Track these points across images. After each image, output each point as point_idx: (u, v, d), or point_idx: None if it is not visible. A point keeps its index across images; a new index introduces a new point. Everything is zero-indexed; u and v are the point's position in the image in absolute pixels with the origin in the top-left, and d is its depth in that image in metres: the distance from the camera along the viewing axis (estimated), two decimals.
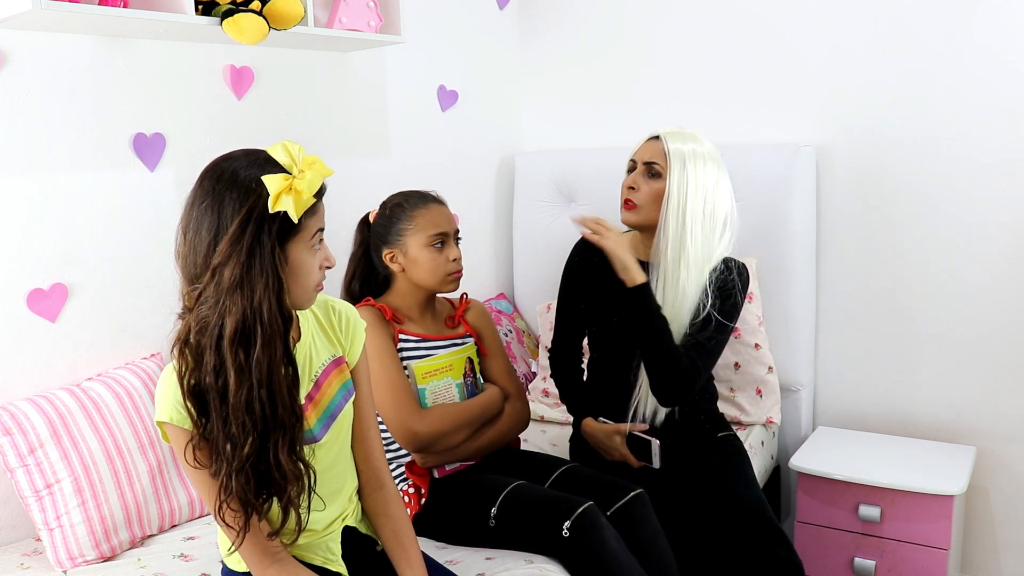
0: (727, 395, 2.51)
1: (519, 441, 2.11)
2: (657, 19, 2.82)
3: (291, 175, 1.21)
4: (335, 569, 1.44)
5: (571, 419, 2.61)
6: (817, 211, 2.63)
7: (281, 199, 1.19)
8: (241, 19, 1.84)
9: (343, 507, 1.47)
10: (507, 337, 2.82)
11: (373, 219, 1.99)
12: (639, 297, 1.90)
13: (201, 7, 1.85)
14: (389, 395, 1.83)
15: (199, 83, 2.13)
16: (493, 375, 2.03)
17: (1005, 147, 2.35)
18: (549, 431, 2.56)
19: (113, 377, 1.93)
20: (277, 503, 1.28)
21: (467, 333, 2.01)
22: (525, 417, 2.04)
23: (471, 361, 1.98)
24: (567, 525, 1.68)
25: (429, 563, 1.50)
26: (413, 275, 1.92)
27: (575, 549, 1.68)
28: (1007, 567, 2.50)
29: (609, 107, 2.95)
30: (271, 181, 1.19)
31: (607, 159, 2.79)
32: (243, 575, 1.39)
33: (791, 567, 1.87)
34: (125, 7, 1.78)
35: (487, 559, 1.73)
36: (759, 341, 2.51)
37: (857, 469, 2.32)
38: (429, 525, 1.84)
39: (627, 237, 2.07)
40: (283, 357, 1.24)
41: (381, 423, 1.86)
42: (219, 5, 1.86)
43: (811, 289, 2.64)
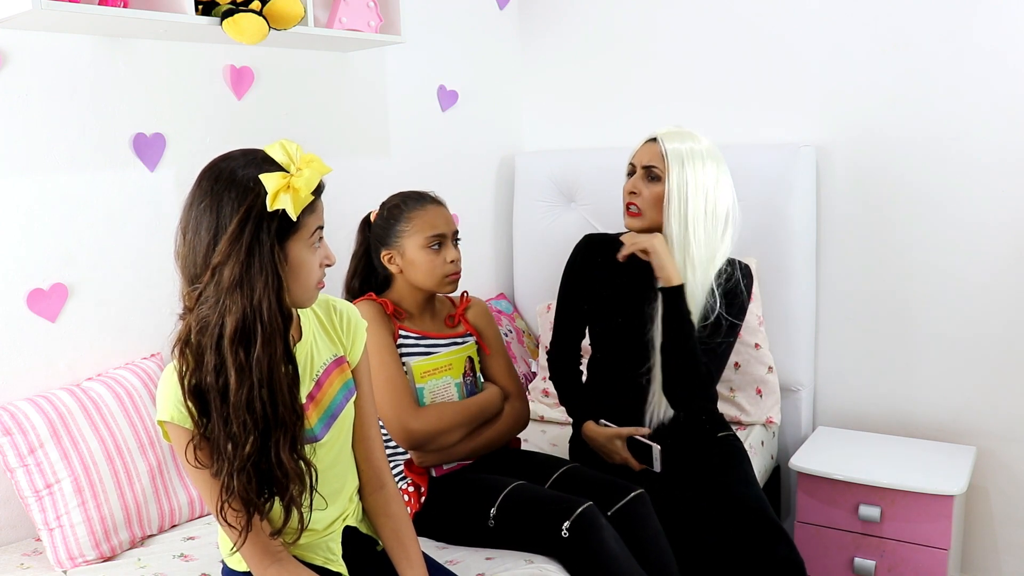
0: (727, 395, 2.51)
1: (519, 441, 2.11)
2: (657, 19, 2.82)
3: (289, 173, 1.21)
4: (335, 569, 1.44)
5: (570, 419, 2.61)
6: (817, 211, 2.63)
7: (279, 197, 1.19)
8: (241, 19, 1.84)
9: (344, 507, 1.47)
10: (507, 337, 2.82)
11: (373, 219, 1.99)
12: (673, 298, 1.91)
13: (201, 7, 1.85)
14: (387, 391, 1.83)
15: (199, 83, 2.13)
16: (493, 374, 2.03)
17: (1005, 147, 2.35)
18: (549, 431, 2.56)
19: (113, 377, 1.93)
20: (279, 502, 1.28)
21: (467, 332, 2.01)
22: (525, 417, 2.04)
23: (471, 360, 1.98)
24: (567, 525, 1.68)
25: (429, 563, 1.50)
26: (411, 276, 1.92)
27: (575, 549, 1.68)
28: (1007, 567, 2.50)
29: (609, 107, 2.95)
30: (268, 180, 1.19)
31: (607, 159, 2.79)
32: (244, 575, 1.39)
33: (792, 565, 1.87)
34: (125, 7, 1.78)
35: (487, 559, 1.73)
36: (759, 341, 2.51)
37: (857, 469, 2.32)
38: (429, 525, 1.84)
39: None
40: (283, 355, 1.24)
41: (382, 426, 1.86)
42: (219, 5, 1.86)
43: (811, 289, 2.64)
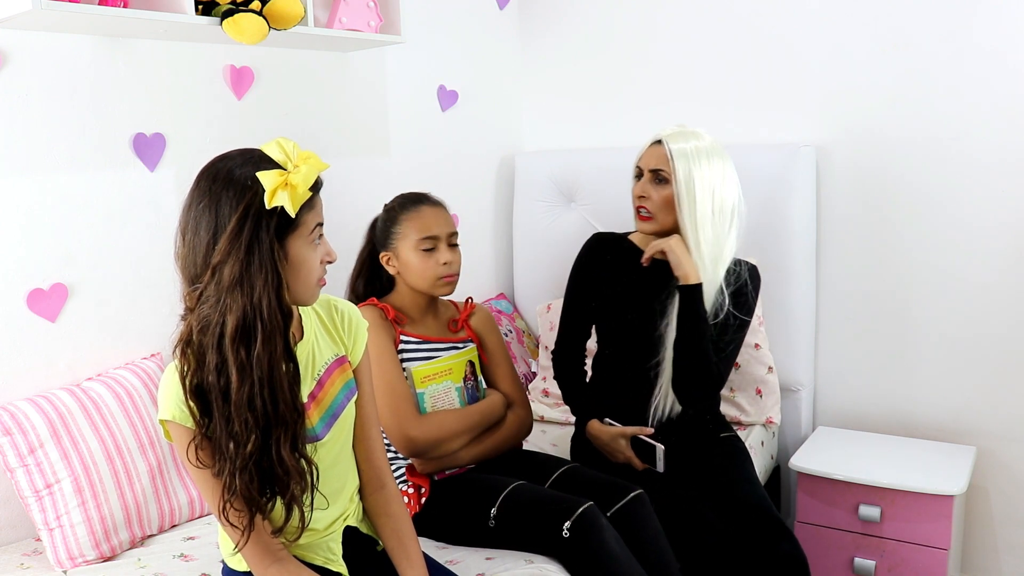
0: (727, 395, 2.51)
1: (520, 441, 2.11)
2: (657, 19, 2.82)
3: (286, 171, 1.22)
4: (336, 569, 1.44)
5: (570, 419, 2.60)
6: (817, 211, 2.63)
7: (277, 195, 1.20)
8: (241, 19, 1.84)
9: (344, 507, 1.47)
10: (507, 337, 2.82)
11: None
12: (691, 296, 1.93)
13: (201, 7, 1.85)
14: (387, 399, 1.82)
15: (199, 83, 2.13)
16: (497, 381, 2.03)
17: (1005, 147, 2.35)
18: (549, 431, 2.56)
19: (113, 377, 1.93)
20: (281, 502, 1.28)
21: (469, 338, 2.01)
22: (528, 425, 2.04)
23: (472, 365, 1.98)
24: (567, 525, 1.68)
25: (429, 563, 1.50)
26: (407, 278, 1.93)
27: (575, 549, 1.67)
28: (1007, 567, 2.50)
29: (609, 107, 2.95)
30: (266, 177, 1.20)
31: (607, 159, 2.79)
32: (244, 575, 1.39)
33: (796, 562, 1.88)
34: (125, 7, 1.78)
35: (487, 559, 1.73)
36: (759, 341, 2.51)
37: (857, 469, 2.32)
38: (429, 525, 1.83)
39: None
40: (284, 353, 1.25)
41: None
42: (219, 5, 1.86)
43: (811, 289, 2.64)
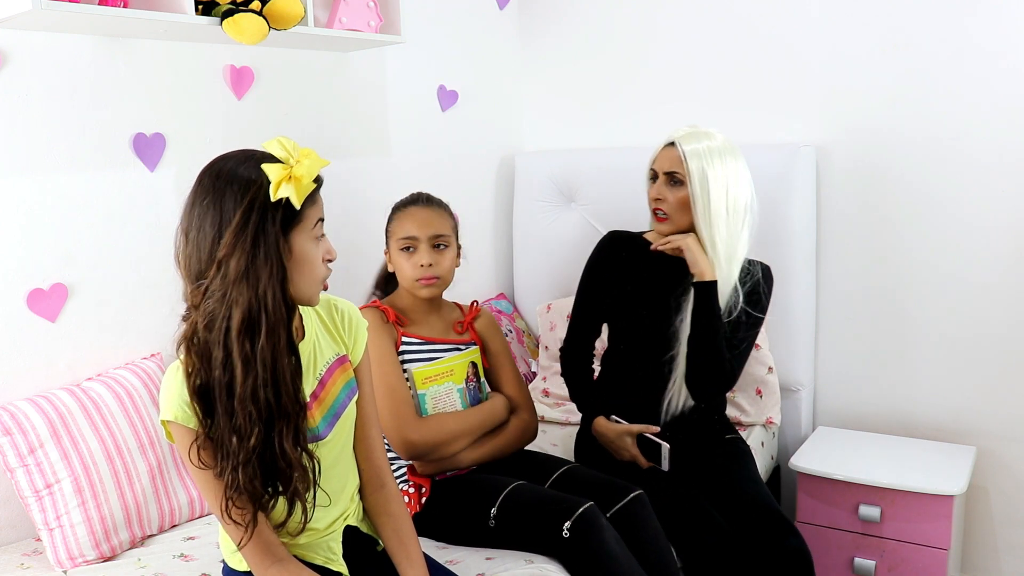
0: (727, 395, 2.50)
1: None
2: (657, 19, 2.81)
3: (289, 165, 1.22)
4: (336, 568, 1.44)
5: (570, 419, 2.61)
6: (817, 211, 2.63)
7: (282, 187, 1.20)
8: (241, 19, 1.84)
9: (345, 506, 1.47)
10: (507, 337, 2.81)
11: None
12: (706, 293, 1.96)
13: (201, 7, 1.85)
14: (387, 402, 1.82)
15: (199, 83, 2.13)
16: (502, 385, 2.03)
17: (1005, 147, 2.35)
18: (550, 431, 2.56)
19: (113, 377, 1.93)
20: (283, 498, 1.28)
21: (472, 341, 2.01)
22: (532, 429, 2.03)
23: (474, 366, 1.98)
24: (567, 525, 1.68)
25: (429, 563, 1.50)
26: (398, 278, 1.96)
27: (575, 549, 1.67)
28: (1007, 567, 2.50)
29: (609, 107, 2.95)
30: (271, 169, 1.21)
31: (607, 159, 2.79)
32: (245, 575, 1.39)
33: (803, 556, 1.89)
34: (125, 7, 1.78)
35: (487, 559, 1.72)
36: (759, 341, 2.50)
37: (857, 469, 2.32)
38: (429, 525, 1.83)
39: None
40: (287, 346, 1.25)
41: None
42: (219, 5, 1.86)
43: (811, 289, 2.64)
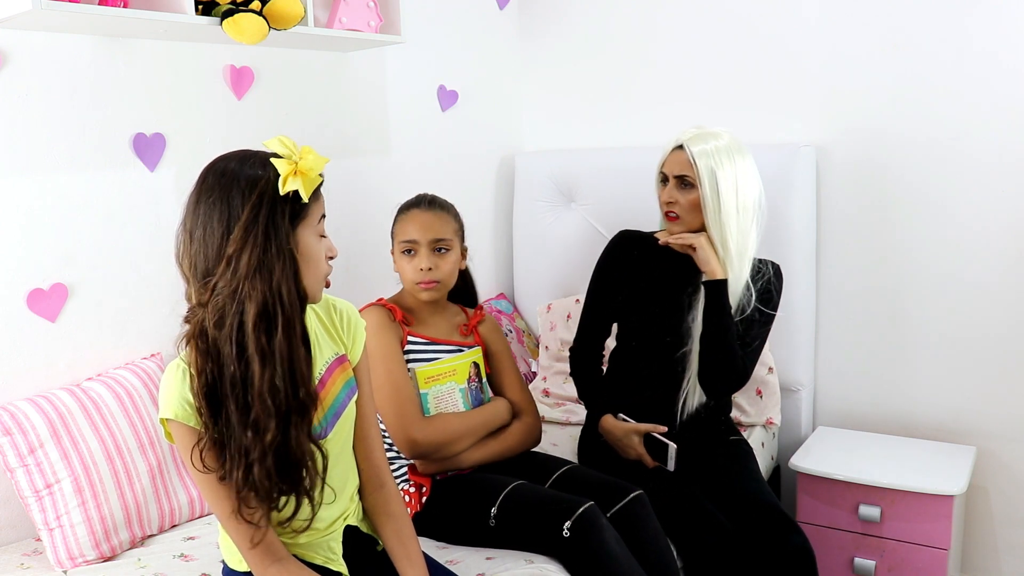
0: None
1: None
2: (657, 19, 2.81)
3: (294, 160, 1.23)
4: (336, 568, 1.44)
5: (570, 419, 2.61)
6: (817, 211, 2.63)
7: (290, 180, 1.21)
8: (241, 19, 1.84)
9: (345, 506, 1.47)
10: (507, 337, 2.82)
11: None
12: (716, 292, 1.97)
13: (201, 7, 1.85)
14: (392, 400, 1.82)
15: (199, 83, 2.13)
16: (505, 389, 2.03)
17: (1005, 147, 2.35)
18: (550, 431, 2.55)
19: (113, 377, 1.93)
20: (293, 498, 1.28)
21: (476, 343, 2.01)
22: (536, 433, 2.02)
23: (476, 366, 1.98)
24: (567, 525, 1.68)
25: (429, 563, 1.50)
26: (400, 279, 1.97)
27: (575, 549, 1.67)
28: (1007, 567, 2.50)
29: (609, 107, 2.95)
30: (279, 163, 1.22)
31: (607, 159, 2.79)
32: (245, 575, 1.39)
33: (804, 554, 1.89)
34: (125, 7, 1.78)
35: (487, 559, 1.73)
36: None
37: (857, 469, 2.32)
38: (429, 525, 1.83)
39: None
40: (301, 338, 1.25)
41: (382, 426, 1.86)
42: (219, 5, 1.86)
43: (811, 289, 2.64)
